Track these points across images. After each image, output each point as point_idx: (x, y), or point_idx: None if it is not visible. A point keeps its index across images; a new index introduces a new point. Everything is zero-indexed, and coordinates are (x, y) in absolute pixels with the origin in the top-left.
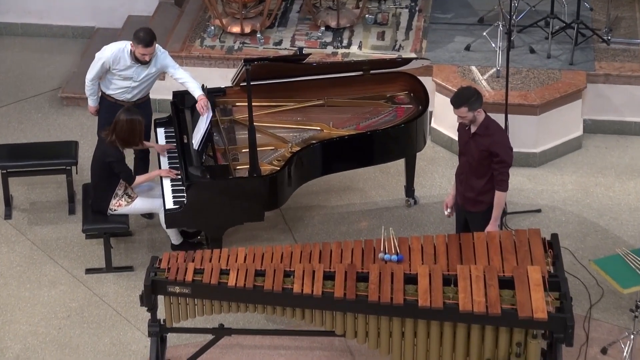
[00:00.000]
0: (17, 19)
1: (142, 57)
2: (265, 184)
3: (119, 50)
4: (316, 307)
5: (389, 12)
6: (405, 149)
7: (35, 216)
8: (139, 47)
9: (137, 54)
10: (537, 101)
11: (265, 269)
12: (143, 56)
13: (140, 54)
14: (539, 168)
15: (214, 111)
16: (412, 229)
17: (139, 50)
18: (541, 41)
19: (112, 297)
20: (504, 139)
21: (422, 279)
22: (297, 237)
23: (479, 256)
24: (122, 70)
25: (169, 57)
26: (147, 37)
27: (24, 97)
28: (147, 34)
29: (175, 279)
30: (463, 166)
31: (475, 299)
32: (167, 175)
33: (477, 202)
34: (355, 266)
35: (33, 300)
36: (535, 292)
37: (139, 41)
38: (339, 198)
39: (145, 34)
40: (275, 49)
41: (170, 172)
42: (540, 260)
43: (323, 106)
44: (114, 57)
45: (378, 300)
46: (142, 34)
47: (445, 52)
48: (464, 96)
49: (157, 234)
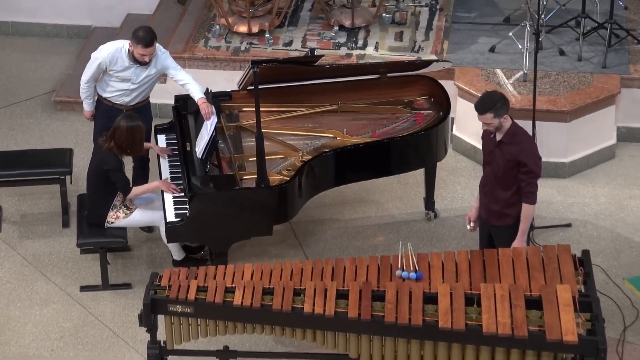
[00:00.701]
0: (7, 17)
1: (142, 58)
2: (274, 195)
3: (117, 50)
4: (328, 328)
5: (407, 11)
6: (424, 158)
7: (26, 229)
8: (138, 47)
9: (135, 55)
10: (567, 107)
11: (274, 286)
12: (142, 57)
13: (139, 54)
14: (569, 179)
15: (219, 117)
16: (432, 245)
17: (138, 50)
18: (572, 42)
19: (109, 317)
20: (532, 147)
21: (443, 299)
22: (308, 252)
23: (504, 274)
24: (120, 72)
25: (170, 57)
26: (147, 37)
27: (15, 101)
28: (147, 33)
29: (177, 298)
30: (488, 177)
31: (500, 320)
32: (168, 190)
33: (502, 215)
34: (370, 284)
35: (24, 319)
36: (564, 313)
37: (138, 41)
38: (354, 211)
39: (145, 33)
40: (285, 50)
41: (170, 186)
42: (570, 279)
43: (336, 112)
44: (110, 57)
45: (395, 321)
46: (141, 33)
47: (468, 54)
48: (489, 101)
49: (157, 248)
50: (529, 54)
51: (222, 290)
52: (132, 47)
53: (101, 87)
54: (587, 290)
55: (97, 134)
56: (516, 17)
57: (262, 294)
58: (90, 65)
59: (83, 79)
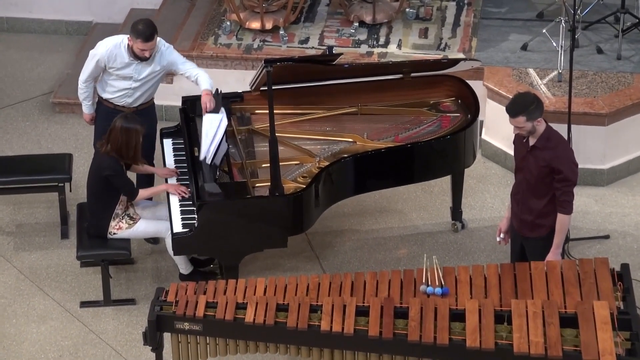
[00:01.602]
0: (1, 13)
1: (142, 53)
2: (288, 204)
3: (115, 46)
4: (347, 347)
5: (432, 6)
6: (451, 165)
7: (22, 240)
8: (137, 41)
9: (135, 50)
10: (605, 109)
11: (289, 302)
12: (142, 52)
13: (139, 49)
14: (607, 187)
15: (229, 120)
16: (459, 258)
17: (138, 45)
18: (610, 40)
19: (111, 335)
20: (568, 153)
21: (471, 316)
22: (325, 266)
23: (536, 289)
24: (120, 69)
25: (175, 52)
26: (146, 30)
27: (10, 103)
28: (146, 27)
29: (184, 314)
30: (520, 184)
31: (533, 339)
32: (176, 193)
33: (535, 225)
34: (392, 300)
35: (19, 337)
36: (602, 331)
37: (138, 34)
38: (375, 221)
39: (145, 26)
40: (301, 47)
41: (179, 187)
42: (608, 295)
43: (356, 114)
44: (109, 54)
45: (419, 339)
46: (141, 27)
47: (499, 52)
48: (521, 103)
49: (163, 261)
50: (564, 52)
51: (233, 307)
52: (132, 42)
53: (101, 87)
54: (627, 307)
55: (97, 138)
56: (550, 12)
57: (275, 311)
58: (88, 63)
59: (81, 79)
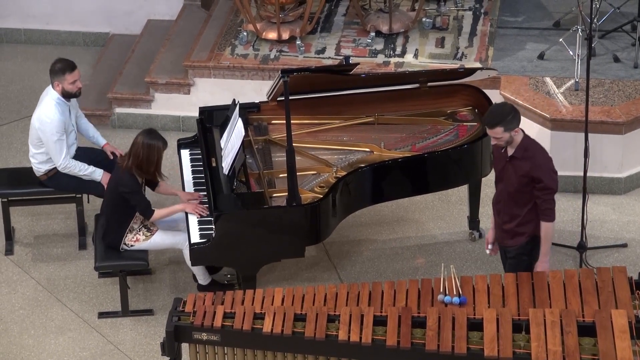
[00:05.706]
0: (19, 24)
1: (75, 85)
2: (306, 214)
3: (56, 105)
4: (365, 357)
5: (449, 15)
6: (468, 174)
7: (40, 252)
8: (66, 76)
9: (67, 87)
10: (622, 118)
11: (306, 312)
12: (75, 83)
13: (71, 81)
14: (624, 196)
15: (246, 130)
16: (477, 267)
17: (69, 79)
18: (627, 48)
19: (129, 346)
20: (547, 161)
21: (489, 325)
22: (343, 275)
23: (554, 298)
24: (68, 124)
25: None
26: (66, 62)
27: (28, 114)
28: (63, 60)
29: (202, 325)
30: (501, 194)
31: (551, 348)
32: (194, 212)
33: (516, 234)
34: (410, 310)
35: (38, 348)
36: (620, 340)
37: (63, 70)
38: (392, 231)
39: (62, 61)
40: (318, 58)
41: (197, 207)
42: (627, 303)
43: (373, 124)
44: (61, 111)
45: (437, 349)
46: (59, 64)
47: (515, 61)
48: (499, 114)
49: (180, 272)
50: (581, 61)
51: (251, 317)
52: (59, 84)
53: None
54: None
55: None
56: (567, 21)
57: (293, 321)
58: (56, 145)
59: (62, 164)
